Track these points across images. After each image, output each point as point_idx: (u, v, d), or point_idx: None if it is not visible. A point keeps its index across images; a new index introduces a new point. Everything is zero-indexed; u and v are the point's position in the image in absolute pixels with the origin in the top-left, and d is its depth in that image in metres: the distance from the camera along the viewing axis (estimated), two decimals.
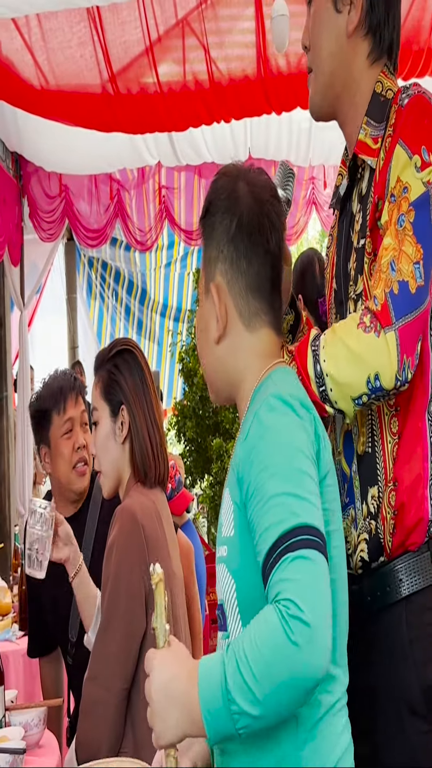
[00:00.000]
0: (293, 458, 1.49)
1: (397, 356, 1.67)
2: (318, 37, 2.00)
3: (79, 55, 5.20)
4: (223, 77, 5.91)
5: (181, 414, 8.18)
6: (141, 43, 5.52)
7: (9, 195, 7.01)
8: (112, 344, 2.80)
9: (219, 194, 1.72)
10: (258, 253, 1.69)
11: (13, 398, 7.41)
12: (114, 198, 7.74)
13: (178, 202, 8.06)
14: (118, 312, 10.87)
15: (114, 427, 2.67)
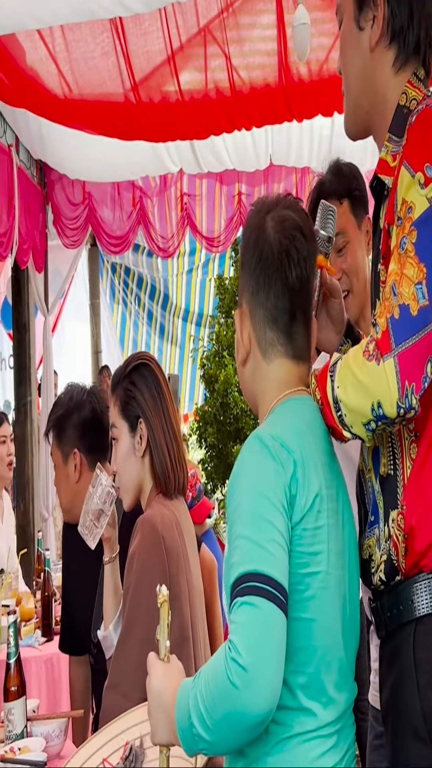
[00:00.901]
0: (258, 504, 1.56)
1: (397, 383, 1.59)
2: (344, 58, 1.95)
3: (102, 65, 5.16)
4: (244, 85, 5.86)
5: (202, 420, 8.16)
6: (163, 52, 5.48)
7: (33, 202, 6.99)
8: (127, 360, 2.78)
9: (248, 228, 1.83)
10: (276, 287, 1.77)
11: (37, 402, 7.39)
12: (137, 205, 7.71)
13: (199, 209, 8.01)
14: (140, 317, 10.87)
15: (133, 442, 2.66)
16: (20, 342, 7.23)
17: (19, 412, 7.20)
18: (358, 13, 1.91)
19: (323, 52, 5.59)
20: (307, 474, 1.63)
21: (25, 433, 7.14)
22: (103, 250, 7.87)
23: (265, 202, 1.85)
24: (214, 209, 8.08)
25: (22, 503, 7.08)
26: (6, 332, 9.55)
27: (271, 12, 5.46)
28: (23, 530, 7.08)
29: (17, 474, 6.76)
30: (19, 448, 7.03)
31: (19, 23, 4.28)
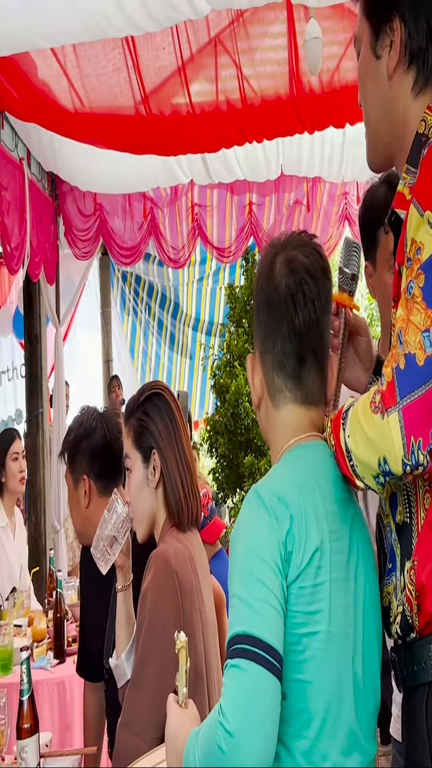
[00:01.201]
0: (251, 563, 1.53)
1: (402, 439, 1.48)
2: (363, 91, 1.85)
3: (114, 80, 5.11)
4: (255, 97, 5.79)
5: (213, 429, 8.08)
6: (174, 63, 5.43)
7: (45, 215, 6.94)
8: (141, 390, 2.73)
9: (258, 272, 1.80)
10: (281, 332, 1.72)
11: (48, 414, 7.35)
12: (147, 216, 7.65)
13: (210, 219, 7.96)
14: (150, 326, 10.84)
15: (146, 473, 2.62)
16: (32, 353, 7.19)
17: (31, 424, 7.15)
18: (375, 41, 1.81)
19: (334, 61, 5.52)
20: (307, 528, 1.57)
21: (37, 445, 7.09)
22: (115, 261, 7.82)
23: (276, 243, 1.80)
24: (224, 219, 8.03)
25: (33, 515, 7.04)
26: (18, 341, 9.54)
27: (282, 21, 5.40)
28: (35, 542, 7.04)
29: (29, 486, 6.71)
30: (31, 460, 6.99)
31: (30, 43, 4.23)
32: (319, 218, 8.38)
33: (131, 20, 4.02)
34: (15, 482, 4.99)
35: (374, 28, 1.80)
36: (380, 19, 1.78)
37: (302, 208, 8.23)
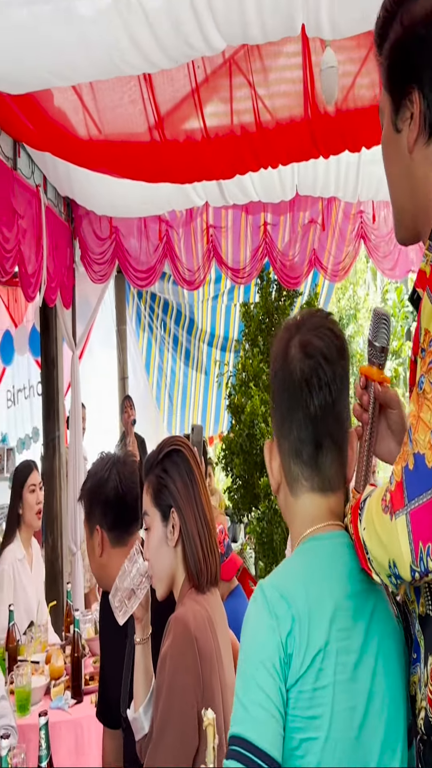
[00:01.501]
0: (249, 664, 1.50)
1: (410, 545, 1.37)
2: (386, 165, 1.77)
3: (129, 112, 5.07)
4: (269, 120, 5.72)
5: (228, 449, 8.05)
6: (188, 85, 5.37)
7: (61, 239, 6.91)
8: (160, 445, 2.68)
9: (273, 355, 1.74)
10: (297, 418, 1.67)
11: (65, 436, 7.31)
12: (163, 238, 7.61)
13: (225, 240, 7.91)
14: (166, 342, 10.81)
15: (165, 532, 2.57)
16: (48, 376, 7.16)
17: (48, 447, 7.12)
18: (395, 114, 1.74)
19: (349, 78, 5.42)
20: (309, 630, 1.50)
21: (54, 468, 7.07)
22: (131, 283, 7.77)
23: (290, 325, 1.75)
24: (239, 240, 7.99)
25: (50, 537, 7.00)
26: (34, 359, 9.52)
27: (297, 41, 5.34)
28: (52, 564, 7.01)
29: (46, 509, 6.68)
30: (48, 483, 6.97)
31: (46, 82, 4.20)
32: (334, 237, 8.33)
33: (146, 58, 3.99)
34: (32, 514, 4.95)
35: (394, 101, 1.74)
36: (400, 91, 1.71)
37: (317, 227, 8.19)
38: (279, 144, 5.83)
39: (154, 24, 3.87)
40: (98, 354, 9.96)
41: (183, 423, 11.33)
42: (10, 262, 5.44)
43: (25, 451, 10.28)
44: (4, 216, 5.35)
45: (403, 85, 1.68)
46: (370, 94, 5.45)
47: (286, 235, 8.13)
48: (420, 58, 1.60)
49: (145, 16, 3.84)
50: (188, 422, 11.30)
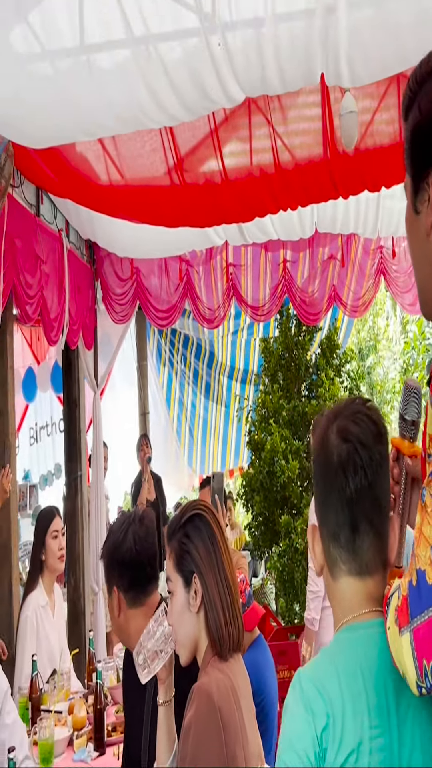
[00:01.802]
0: (284, 750, 1.54)
1: (414, 662, 1.37)
2: (409, 244, 1.78)
3: (150, 160, 5.09)
4: (289, 160, 5.71)
5: (248, 485, 8.02)
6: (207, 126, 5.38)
7: (83, 281, 6.94)
8: (182, 510, 2.65)
9: (314, 440, 1.76)
10: (333, 502, 1.70)
11: (87, 475, 7.31)
12: (183, 277, 7.63)
13: (245, 278, 7.92)
14: (186, 376, 10.81)
15: (188, 597, 2.53)
16: (70, 417, 7.17)
17: (70, 487, 7.12)
18: (415, 197, 1.73)
19: (368, 115, 5.40)
20: (343, 728, 1.51)
21: (76, 508, 7.06)
22: (151, 322, 7.79)
23: (331, 412, 1.78)
24: (259, 277, 7.99)
25: (72, 578, 6.99)
26: (56, 395, 9.54)
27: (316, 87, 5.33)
28: (74, 604, 7.00)
29: (68, 549, 6.66)
30: (70, 523, 6.97)
31: (69, 137, 4.23)
32: (354, 272, 8.32)
33: (166, 112, 4.01)
34: (55, 560, 4.93)
35: (414, 182, 1.73)
36: (419, 173, 1.70)
37: (336, 262, 8.18)
38: (298, 186, 5.81)
39: (174, 77, 3.89)
40: (119, 390, 9.97)
41: (203, 456, 11.30)
42: (33, 308, 5.47)
43: (47, 487, 10.29)
44: (27, 262, 5.38)
45: (422, 167, 1.68)
46: (389, 130, 5.42)
47: (306, 271, 8.13)
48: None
49: (164, 69, 3.86)
50: (209, 455, 11.27)
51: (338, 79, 4.37)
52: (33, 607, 4.84)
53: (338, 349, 8.70)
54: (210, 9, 3.72)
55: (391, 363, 15.12)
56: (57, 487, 9.86)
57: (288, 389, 8.45)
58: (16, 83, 3.72)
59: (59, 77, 3.79)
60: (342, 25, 3.83)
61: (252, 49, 3.89)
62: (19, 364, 9.19)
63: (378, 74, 4.47)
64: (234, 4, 3.71)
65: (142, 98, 3.94)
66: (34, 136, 4.17)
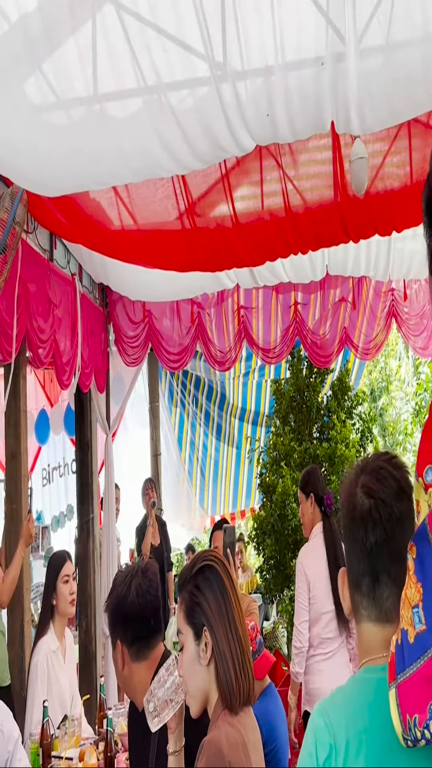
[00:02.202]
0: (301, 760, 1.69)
1: (399, 716, 1.43)
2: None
3: (162, 207, 5.12)
4: (299, 204, 5.71)
5: (259, 528, 7.97)
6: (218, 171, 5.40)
7: (96, 324, 6.96)
8: (193, 560, 2.63)
9: (342, 493, 1.86)
10: (356, 552, 1.79)
11: (99, 517, 7.28)
12: (195, 320, 7.65)
13: (256, 321, 7.94)
14: (198, 418, 10.81)
15: (198, 650, 2.50)
16: (82, 460, 7.16)
17: (82, 530, 7.10)
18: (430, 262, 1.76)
19: (379, 158, 5.42)
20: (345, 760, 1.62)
21: (88, 551, 7.03)
22: (163, 365, 7.81)
23: (358, 466, 1.88)
24: (270, 320, 8.00)
25: (84, 621, 6.94)
26: (69, 437, 9.53)
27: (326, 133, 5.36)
28: (86, 648, 6.94)
29: (79, 592, 6.61)
30: (82, 566, 6.93)
31: (82, 185, 4.26)
32: (365, 315, 8.32)
33: (179, 162, 4.03)
34: (66, 605, 4.89)
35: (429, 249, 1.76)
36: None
37: (348, 305, 8.18)
38: (309, 230, 5.83)
39: (185, 127, 3.91)
40: (131, 431, 9.96)
41: (215, 497, 11.27)
42: (46, 352, 5.49)
43: (59, 529, 10.25)
44: (40, 307, 5.41)
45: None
46: (400, 173, 5.44)
47: (317, 313, 8.14)
48: None
49: (175, 119, 3.88)
50: (220, 497, 11.24)
51: (348, 126, 4.39)
52: (44, 652, 4.79)
53: (350, 391, 8.68)
54: (221, 57, 3.75)
55: (403, 404, 15.10)
56: (69, 529, 9.82)
57: (299, 431, 8.43)
58: (30, 133, 3.76)
59: (73, 126, 3.83)
60: (351, 74, 3.85)
61: (262, 98, 3.92)
62: (32, 406, 9.19)
63: (388, 122, 4.50)
64: (245, 52, 3.74)
65: (154, 148, 3.97)
66: (47, 185, 4.20)
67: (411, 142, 5.28)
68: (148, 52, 3.56)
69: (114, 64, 3.57)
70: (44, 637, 4.84)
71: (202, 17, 3.51)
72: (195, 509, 11.36)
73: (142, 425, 10.12)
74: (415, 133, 5.23)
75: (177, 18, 3.50)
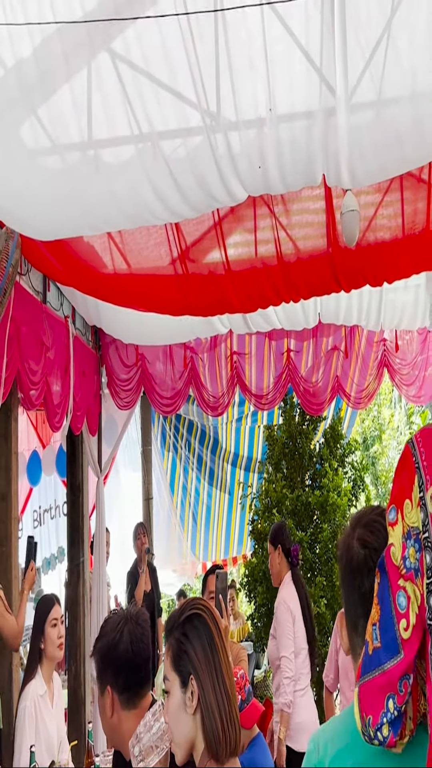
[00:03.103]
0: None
1: (359, 713, 1.66)
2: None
3: (156, 253, 5.17)
4: (291, 253, 5.75)
5: (251, 575, 7.92)
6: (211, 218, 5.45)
7: (88, 367, 6.98)
8: (182, 607, 2.60)
9: (340, 545, 2.01)
10: (353, 596, 1.92)
11: (89, 561, 7.24)
12: (188, 365, 7.67)
13: (249, 367, 7.96)
14: (190, 462, 10.80)
15: (184, 698, 2.46)
16: (73, 502, 7.14)
17: (72, 573, 7.05)
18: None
19: (371, 209, 5.47)
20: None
21: (77, 594, 6.98)
22: (156, 410, 7.81)
23: (354, 519, 2.02)
24: (263, 366, 8.02)
25: (73, 665, 6.87)
26: (60, 479, 9.51)
27: None
28: (74, 692, 6.86)
29: (68, 636, 6.56)
30: (71, 610, 6.89)
31: (75, 230, 4.29)
32: (357, 364, 8.35)
33: (172, 210, 4.07)
34: (54, 648, 4.85)
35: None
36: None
37: (340, 353, 8.21)
38: (300, 279, 5.86)
39: (178, 176, 3.96)
40: (123, 474, 9.95)
41: (206, 543, 11.22)
42: (37, 394, 5.49)
43: (50, 571, 10.19)
44: (32, 349, 5.43)
45: None
46: (392, 225, 5.48)
47: (309, 360, 8.17)
48: None
49: (168, 167, 3.93)
50: (212, 542, 11.19)
51: (339, 180, 4.44)
52: (31, 696, 4.73)
53: (342, 440, 8.69)
54: (214, 108, 3.80)
55: (396, 453, 15.09)
56: (60, 571, 9.75)
57: (292, 478, 8.41)
58: (25, 177, 3.80)
59: (67, 171, 3.87)
60: (342, 129, 3.90)
61: (254, 149, 3.96)
62: (24, 447, 9.18)
63: (378, 177, 4.54)
64: (238, 104, 3.79)
65: (147, 195, 4.01)
66: (41, 230, 4.24)
67: (403, 194, 5.34)
68: (142, 101, 3.61)
69: (108, 112, 3.62)
70: (32, 682, 4.78)
71: (195, 68, 3.56)
72: (187, 555, 11.31)
73: (134, 468, 10.11)
74: (407, 185, 5.29)
75: (170, 68, 3.56)
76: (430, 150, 4.14)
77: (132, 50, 3.45)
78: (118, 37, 3.39)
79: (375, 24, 3.58)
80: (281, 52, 3.65)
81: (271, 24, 3.54)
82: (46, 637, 4.85)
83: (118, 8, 3.21)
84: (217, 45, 3.54)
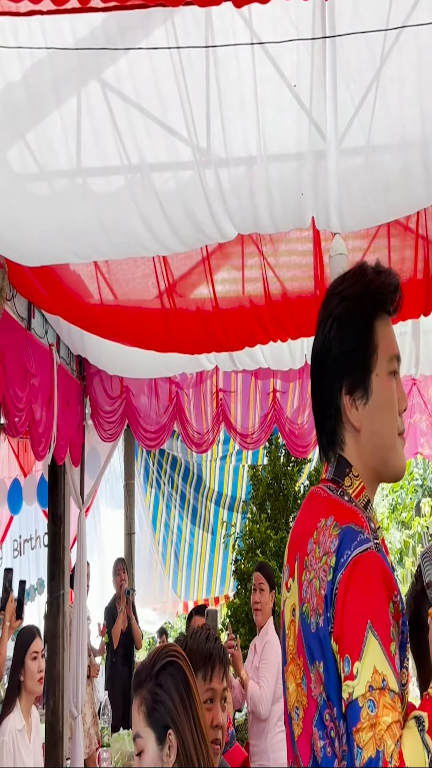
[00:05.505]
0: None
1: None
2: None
3: (143, 285, 5.19)
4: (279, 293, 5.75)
5: (233, 616, 7.86)
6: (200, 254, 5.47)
7: (72, 397, 6.97)
8: (153, 658, 2.47)
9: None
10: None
11: (69, 595, 7.17)
12: (173, 400, 7.65)
13: (234, 405, 7.93)
14: (173, 499, 10.75)
15: (161, 755, 2.34)
16: (54, 534, 7.07)
17: (52, 606, 6.97)
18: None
19: (358, 254, 5.48)
20: None
21: (57, 628, 6.88)
22: (140, 443, 7.78)
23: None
24: (248, 405, 8.00)
25: (51, 700, 6.75)
26: (42, 510, 9.45)
27: None
28: (52, 728, 6.73)
29: (48, 670, 6.44)
30: (50, 643, 6.81)
31: (62, 257, 4.32)
32: None
33: (161, 243, 4.10)
34: (34, 682, 4.78)
35: None
36: None
37: None
38: (288, 319, 5.89)
39: (167, 208, 3.99)
40: (105, 507, 9.89)
41: (188, 582, 11.13)
42: (22, 421, 5.48)
43: (29, 602, 10.07)
44: (17, 375, 5.42)
45: None
46: None
47: (295, 402, 8.15)
48: None
49: (158, 199, 3.95)
50: (194, 582, 11.10)
51: (328, 224, 4.47)
52: (9, 731, 4.67)
53: None
54: (205, 144, 3.84)
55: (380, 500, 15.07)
56: (39, 602, 9.66)
57: (276, 519, 8.38)
58: (11, 202, 3.83)
59: (55, 197, 3.90)
60: (331, 172, 3.94)
61: (244, 187, 4.00)
62: (5, 474, 9.14)
63: (366, 223, 4.59)
64: (227, 140, 3.83)
65: (136, 226, 4.04)
66: (26, 255, 4.26)
67: (390, 241, 5.39)
68: (132, 132, 3.64)
69: (98, 141, 3.66)
70: (10, 715, 4.72)
71: (186, 102, 3.61)
72: (168, 593, 11.20)
73: (117, 502, 10.06)
74: (394, 233, 5.33)
75: (161, 101, 3.60)
76: (417, 199, 4.19)
77: (123, 81, 3.50)
78: (109, 67, 3.44)
79: (365, 72, 3.63)
80: (271, 91, 3.70)
81: (262, 63, 3.60)
82: (26, 670, 4.80)
83: (109, 38, 3.25)
84: (208, 81, 3.58)
